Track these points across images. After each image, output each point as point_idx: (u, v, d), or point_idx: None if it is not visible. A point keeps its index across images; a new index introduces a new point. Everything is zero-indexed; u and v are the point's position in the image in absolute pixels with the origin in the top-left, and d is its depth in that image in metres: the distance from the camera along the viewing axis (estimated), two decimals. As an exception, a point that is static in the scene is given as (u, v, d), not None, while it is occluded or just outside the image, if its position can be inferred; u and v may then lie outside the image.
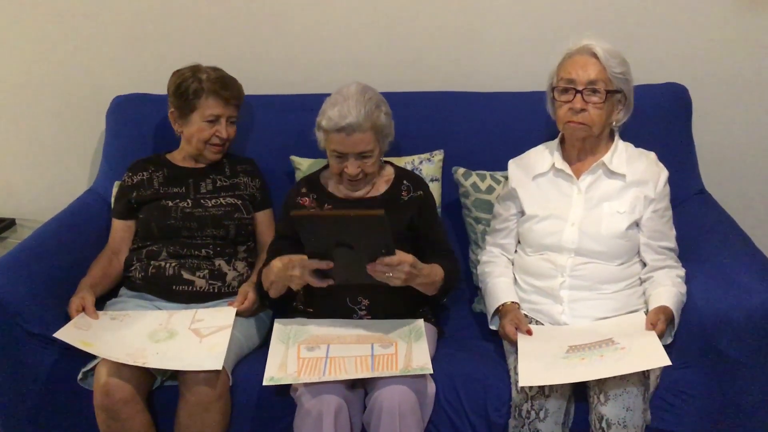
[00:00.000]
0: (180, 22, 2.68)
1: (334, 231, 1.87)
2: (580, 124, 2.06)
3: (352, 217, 1.86)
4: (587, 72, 2.04)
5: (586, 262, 2.06)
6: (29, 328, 2.04)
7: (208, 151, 2.33)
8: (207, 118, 2.28)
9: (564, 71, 2.08)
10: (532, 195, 2.17)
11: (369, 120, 2.08)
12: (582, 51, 2.07)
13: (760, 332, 1.88)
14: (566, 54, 2.11)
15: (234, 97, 2.32)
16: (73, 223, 2.42)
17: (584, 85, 2.04)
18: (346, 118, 2.06)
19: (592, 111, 2.05)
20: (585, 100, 2.04)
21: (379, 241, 1.86)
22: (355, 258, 1.89)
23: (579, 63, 2.06)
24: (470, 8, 2.62)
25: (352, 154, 2.10)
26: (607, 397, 1.86)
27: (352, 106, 2.07)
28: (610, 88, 2.05)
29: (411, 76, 2.65)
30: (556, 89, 2.10)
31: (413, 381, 1.92)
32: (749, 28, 2.57)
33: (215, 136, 2.30)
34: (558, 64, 2.12)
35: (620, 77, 2.06)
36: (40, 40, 2.73)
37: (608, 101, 2.06)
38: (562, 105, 2.09)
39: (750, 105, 2.65)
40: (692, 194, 2.44)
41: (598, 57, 2.05)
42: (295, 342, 2.03)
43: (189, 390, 1.96)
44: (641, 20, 2.58)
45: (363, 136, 2.08)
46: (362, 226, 1.85)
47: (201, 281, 2.20)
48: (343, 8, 2.65)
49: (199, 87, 2.27)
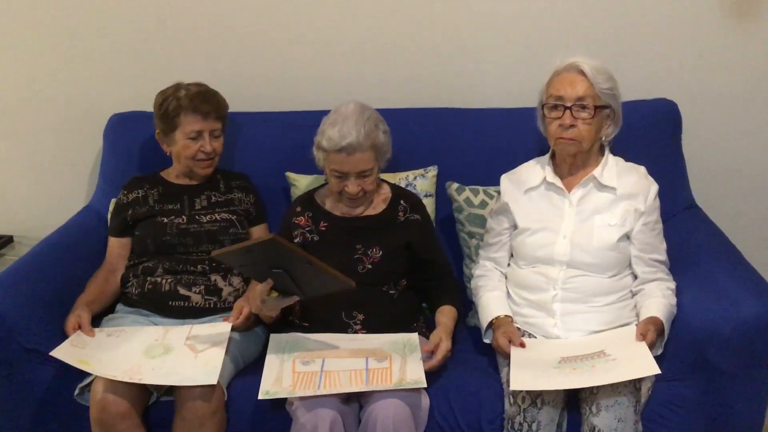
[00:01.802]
0: (177, 41, 2.71)
1: (251, 260, 1.98)
2: (570, 140, 2.09)
3: (250, 246, 1.97)
4: (575, 89, 2.07)
5: (577, 274, 2.08)
6: (26, 344, 2.05)
7: (197, 167, 2.33)
8: (189, 135, 2.29)
9: (553, 88, 2.11)
10: (525, 208, 2.19)
11: (369, 139, 2.10)
12: (570, 68, 2.11)
13: (750, 345, 1.90)
14: (554, 72, 2.14)
15: (214, 111, 2.31)
16: (70, 241, 2.43)
17: (573, 101, 2.07)
18: (346, 138, 2.07)
19: (582, 127, 2.08)
20: (574, 116, 2.07)
21: (291, 257, 1.93)
22: (293, 276, 1.96)
23: (567, 80, 2.09)
24: (463, 27, 2.65)
25: (353, 173, 2.12)
26: (599, 408, 1.88)
27: (352, 126, 2.08)
28: (599, 104, 2.08)
29: (406, 93, 2.68)
30: (545, 106, 2.13)
31: (407, 395, 1.93)
32: (738, 44, 2.60)
33: (200, 151, 2.30)
34: (547, 81, 2.15)
35: (608, 93, 2.10)
36: (37, 57, 2.76)
37: (597, 116, 2.09)
38: (552, 121, 2.12)
39: (740, 119, 2.68)
40: (683, 208, 2.46)
41: (585, 74, 2.08)
42: (290, 356, 2.04)
43: (184, 405, 1.97)
44: (631, 37, 2.61)
45: (363, 155, 2.10)
46: (267, 251, 1.93)
47: (197, 296, 2.21)
48: (338, 26, 2.67)
49: (178, 105, 2.27)
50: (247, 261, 2.02)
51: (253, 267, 2.04)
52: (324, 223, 2.23)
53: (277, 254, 1.92)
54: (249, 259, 1.99)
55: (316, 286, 1.99)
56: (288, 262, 1.94)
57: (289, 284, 1.99)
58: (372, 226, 2.22)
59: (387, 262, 2.18)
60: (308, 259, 1.93)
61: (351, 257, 2.17)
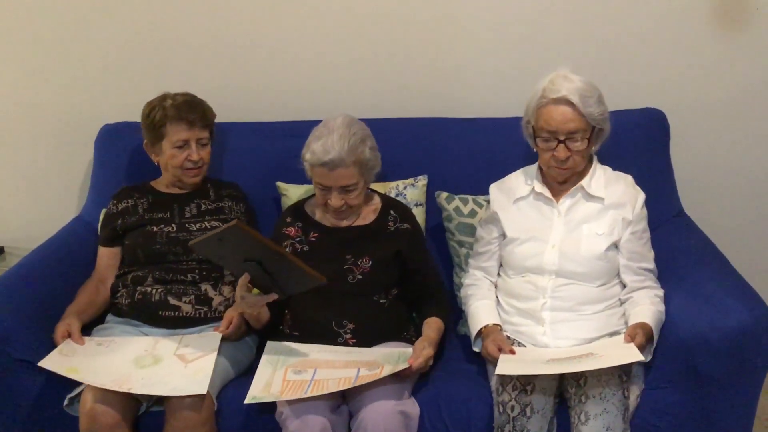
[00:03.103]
0: (168, 51, 2.71)
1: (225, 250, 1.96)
2: (565, 170, 2.11)
3: (214, 235, 1.92)
4: (567, 125, 2.05)
5: (566, 283, 2.09)
6: (15, 354, 2.04)
7: (185, 176, 2.34)
8: (175, 144, 2.29)
9: (543, 121, 2.08)
10: (513, 218, 2.20)
11: (353, 155, 2.10)
12: (559, 102, 2.06)
13: (738, 352, 1.90)
14: (542, 98, 2.08)
15: (200, 119, 2.31)
16: (60, 251, 2.43)
17: (565, 135, 2.06)
18: (328, 153, 2.07)
19: (576, 157, 2.08)
20: (567, 146, 2.06)
21: (259, 246, 1.92)
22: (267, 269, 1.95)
23: (558, 113, 2.05)
24: (454, 36, 2.66)
25: (335, 188, 2.13)
26: (588, 417, 1.88)
27: (336, 140, 2.08)
28: (590, 132, 2.08)
29: (396, 102, 2.69)
30: (538, 138, 2.11)
31: (398, 402, 1.93)
32: (726, 53, 2.62)
33: (187, 160, 2.30)
34: (535, 106, 2.10)
35: (599, 117, 2.08)
36: (27, 68, 2.76)
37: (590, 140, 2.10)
38: (545, 151, 2.11)
39: (727, 128, 2.70)
40: (671, 216, 2.47)
41: (575, 105, 2.04)
42: (283, 365, 2.03)
43: (174, 415, 1.96)
44: (619, 46, 2.62)
45: (345, 171, 2.10)
46: (236, 239, 1.91)
47: (187, 306, 2.21)
48: (329, 37, 2.68)
49: (164, 114, 2.28)
50: (221, 251, 1.99)
51: (228, 258, 2.03)
52: (314, 234, 2.24)
53: (245, 243, 1.91)
54: (222, 249, 1.97)
55: (290, 281, 1.98)
56: (259, 252, 1.93)
57: (266, 279, 1.98)
58: (362, 236, 2.23)
59: (377, 271, 2.18)
60: (275, 249, 1.92)
61: (341, 267, 2.17)
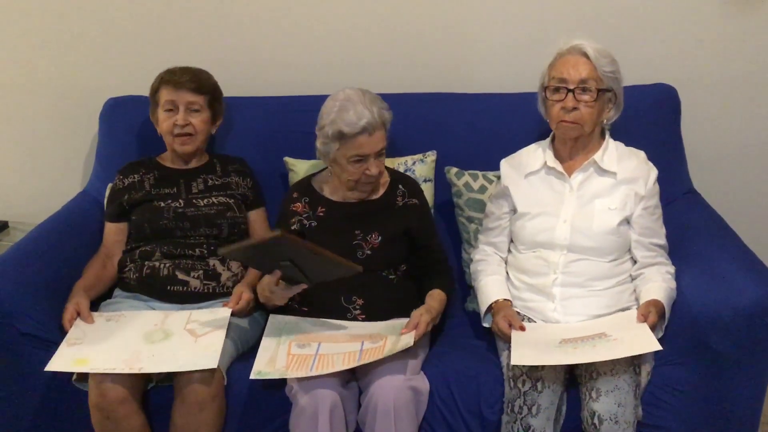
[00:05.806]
0: (174, 24, 2.69)
1: (259, 255, 2.01)
2: (572, 123, 2.09)
3: (258, 243, 2.01)
4: (578, 71, 2.07)
5: (578, 258, 2.08)
6: (22, 328, 2.04)
7: (175, 143, 2.31)
8: (165, 108, 2.28)
9: (555, 71, 2.10)
10: (525, 193, 2.19)
11: (381, 117, 2.12)
12: (573, 51, 2.10)
13: (750, 329, 1.90)
14: (557, 54, 2.13)
15: (189, 82, 2.28)
16: (66, 226, 2.41)
17: (576, 84, 2.06)
18: (363, 119, 2.07)
19: (584, 109, 2.07)
20: (576, 98, 2.07)
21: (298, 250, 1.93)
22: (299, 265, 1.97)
23: (570, 62, 2.09)
24: (462, 11, 2.64)
25: (373, 154, 2.12)
26: (599, 393, 1.88)
27: (362, 107, 2.09)
28: (601, 87, 2.08)
29: (404, 78, 2.67)
30: (548, 89, 2.12)
31: (408, 378, 1.93)
32: (737, 29, 2.60)
33: (175, 125, 2.28)
34: (549, 63, 2.14)
35: (610, 76, 2.09)
36: (32, 41, 2.73)
37: (599, 99, 2.09)
38: (554, 104, 2.11)
39: (738, 105, 2.68)
40: (681, 193, 2.46)
41: (588, 56, 2.07)
42: (287, 338, 2.04)
43: (184, 390, 1.96)
44: (630, 22, 2.60)
45: (380, 133, 2.12)
46: (274, 247, 1.94)
47: (195, 281, 2.20)
48: (336, 11, 2.66)
49: (160, 79, 2.30)
50: (254, 256, 2.04)
51: (260, 261, 2.06)
52: (322, 209, 2.22)
53: (284, 248, 1.93)
54: (256, 254, 2.01)
55: (322, 273, 2.00)
56: (295, 253, 1.94)
57: (297, 274, 2.00)
58: (371, 211, 2.22)
59: (386, 247, 2.17)
60: (315, 250, 1.93)
61: (350, 243, 2.16)
